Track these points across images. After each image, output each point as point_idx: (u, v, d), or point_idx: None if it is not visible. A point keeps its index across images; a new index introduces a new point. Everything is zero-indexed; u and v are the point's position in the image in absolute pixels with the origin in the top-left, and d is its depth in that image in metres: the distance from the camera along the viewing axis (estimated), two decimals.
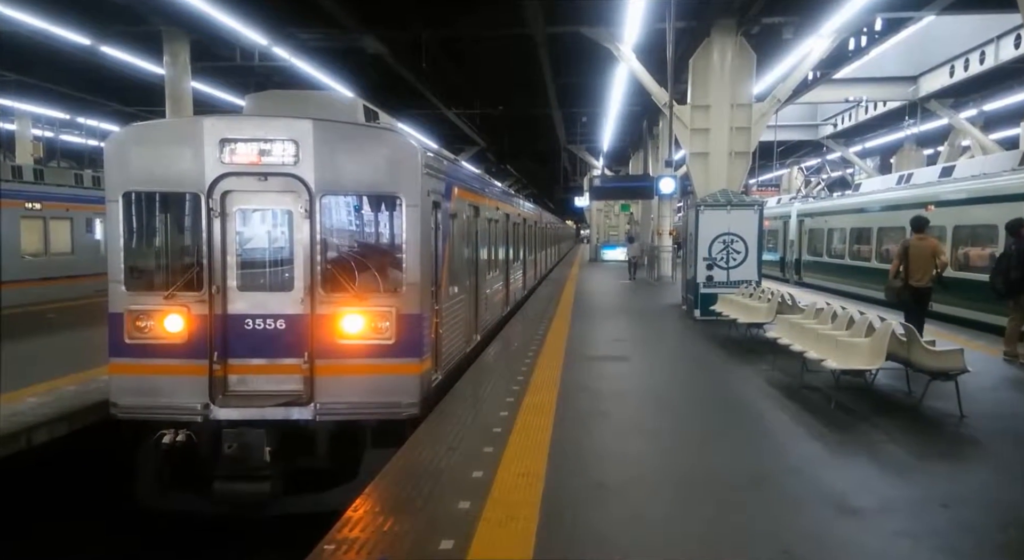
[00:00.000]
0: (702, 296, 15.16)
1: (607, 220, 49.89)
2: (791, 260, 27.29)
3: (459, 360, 9.74)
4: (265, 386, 7.12)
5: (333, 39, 18.59)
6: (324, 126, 7.06)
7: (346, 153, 7.05)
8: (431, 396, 7.72)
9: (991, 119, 27.98)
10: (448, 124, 30.60)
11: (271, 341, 7.10)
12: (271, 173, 6.98)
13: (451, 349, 9.13)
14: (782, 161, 43.02)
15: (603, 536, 4.65)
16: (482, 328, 12.08)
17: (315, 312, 7.01)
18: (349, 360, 7.06)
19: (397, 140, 7.38)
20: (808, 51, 16.73)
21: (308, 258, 7.02)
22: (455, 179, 9.39)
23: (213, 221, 7.02)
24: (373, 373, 7.09)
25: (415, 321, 7.19)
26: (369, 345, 7.08)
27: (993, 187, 14.53)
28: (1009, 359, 10.40)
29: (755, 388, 8.95)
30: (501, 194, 15.80)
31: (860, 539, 4.63)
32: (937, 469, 6.06)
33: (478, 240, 11.58)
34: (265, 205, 7.23)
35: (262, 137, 6.95)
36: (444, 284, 8.52)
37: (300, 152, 6.94)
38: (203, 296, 7.02)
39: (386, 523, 4.76)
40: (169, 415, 7.02)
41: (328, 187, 7.01)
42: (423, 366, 7.38)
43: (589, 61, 20.74)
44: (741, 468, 5.96)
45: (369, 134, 7.44)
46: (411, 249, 7.19)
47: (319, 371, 7.00)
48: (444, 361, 8.61)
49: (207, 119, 7.13)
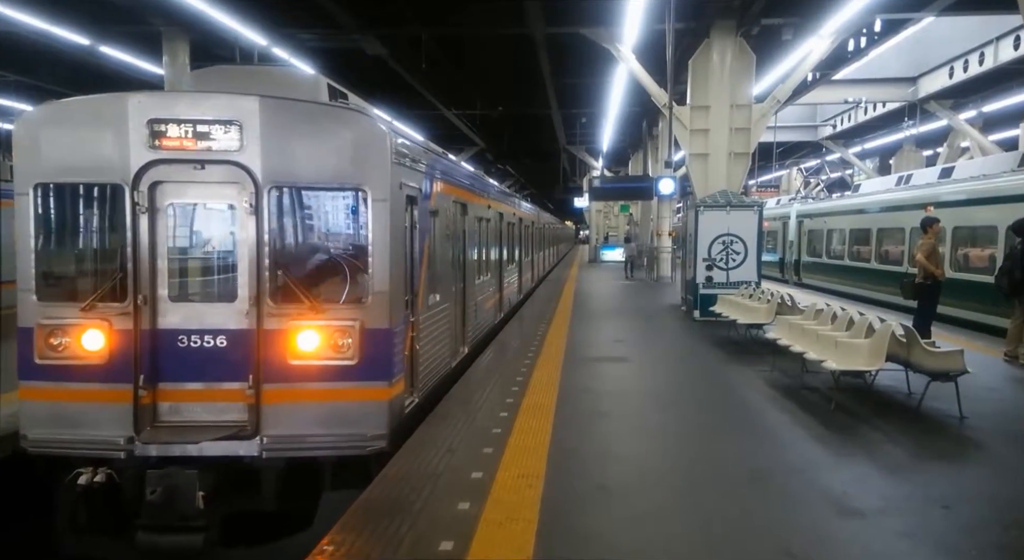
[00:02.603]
0: (702, 297, 15.16)
1: (607, 221, 49.96)
2: (790, 261, 27.31)
3: (442, 378, 8.71)
4: (202, 416, 6.08)
5: (332, 39, 18.62)
6: (273, 105, 6.02)
7: (300, 137, 6.02)
8: (404, 424, 6.73)
9: (990, 120, 28.01)
10: (448, 125, 30.62)
11: (209, 362, 6.05)
12: (209, 160, 5.93)
13: (431, 367, 8.06)
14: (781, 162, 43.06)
15: (603, 537, 4.63)
16: (471, 339, 11.11)
17: (262, 327, 5.96)
18: (303, 384, 6.02)
19: (361, 123, 6.33)
20: (808, 52, 16.74)
21: (254, 262, 5.98)
22: (437, 172, 8.41)
23: (139, 218, 5.95)
24: (332, 400, 6.06)
25: (383, 337, 6.18)
26: (327, 366, 6.03)
27: (993, 188, 14.54)
28: (1009, 360, 10.40)
29: (755, 389, 8.94)
30: (494, 192, 14.81)
31: (861, 539, 4.62)
32: (937, 470, 6.06)
33: (466, 241, 10.59)
34: (202, 199, 6.21)
35: (199, 117, 5.90)
36: (422, 292, 7.53)
37: (244, 135, 5.91)
38: (127, 308, 5.94)
39: (386, 524, 4.74)
40: (87, 450, 5.90)
41: (278, 177, 5.99)
42: (393, 390, 6.35)
43: (589, 62, 20.75)
44: (741, 469, 5.95)
45: (328, 115, 6.28)
46: (378, 252, 6.17)
47: (267, 398, 5.96)
48: (422, 381, 7.59)
49: (133, 96, 6.01)
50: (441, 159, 9.00)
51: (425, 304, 7.69)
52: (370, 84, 21.95)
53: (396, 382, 6.44)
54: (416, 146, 7.47)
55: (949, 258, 14.70)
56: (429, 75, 21.49)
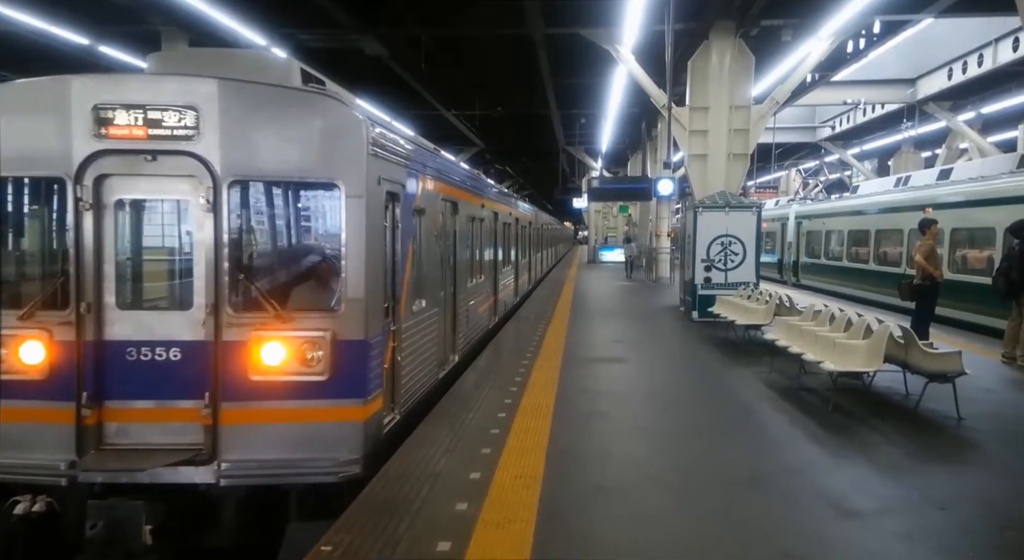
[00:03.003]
0: (700, 298, 15.17)
1: (605, 221, 49.97)
2: (789, 262, 27.33)
3: (428, 391, 8.09)
4: (153, 438, 5.42)
5: (332, 39, 18.62)
6: (234, 88, 5.41)
7: (265, 125, 5.44)
8: (382, 445, 6.12)
9: (989, 122, 28.07)
10: (447, 125, 30.63)
11: (161, 377, 5.42)
12: (161, 151, 5.32)
13: (415, 379, 7.46)
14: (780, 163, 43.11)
15: (601, 538, 4.64)
16: (461, 346, 10.45)
17: (221, 338, 5.37)
18: (267, 403, 5.42)
19: (333, 109, 5.68)
20: (807, 53, 16.78)
21: (212, 266, 5.38)
22: (424, 167, 7.84)
23: (83, 215, 5.33)
24: (300, 420, 5.46)
25: (358, 349, 5.58)
26: (294, 382, 5.44)
27: (991, 190, 14.56)
28: (1007, 361, 10.41)
29: (753, 390, 8.95)
30: (488, 190, 14.05)
31: (858, 540, 4.63)
32: (935, 471, 6.06)
33: (457, 242, 9.95)
34: (154, 194, 5.58)
35: (150, 103, 5.29)
36: (405, 297, 6.92)
37: (201, 122, 5.32)
38: (69, 316, 5.31)
39: (383, 524, 4.74)
40: (24, 476, 5.31)
41: (239, 170, 5.40)
42: (369, 408, 5.73)
43: (588, 62, 20.77)
44: (739, 469, 5.96)
45: (296, 100, 5.61)
46: (353, 254, 5.57)
47: (226, 418, 5.37)
48: (404, 396, 6.95)
49: (76, 78, 5.42)
50: (429, 154, 8.44)
51: (409, 311, 7.10)
52: (369, 84, 21.96)
53: (373, 399, 5.82)
54: (399, 138, 6.91)
55: (947, 259, 14.72)
56: (428, 75, 21.49)
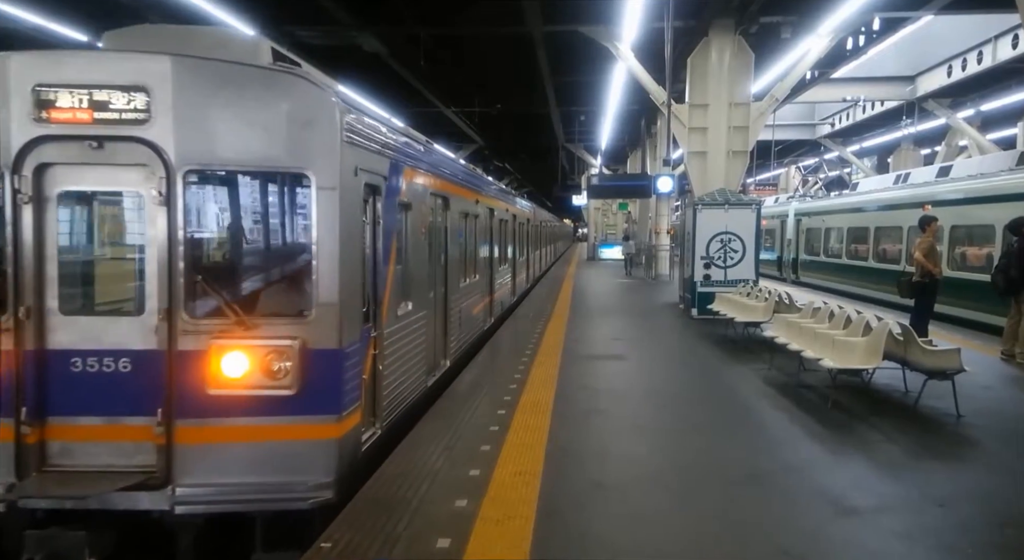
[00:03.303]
0: (699, 295, 15.18)
1: (605, 219, 49.99)
2: (788, 259, 27.34)
3: (415, 400, 7.53)
4: (101, 459, 4.88)
5: (331, 37, 18.59)
6: (190, 66, 4.85)
7: (225, 107, 4.89)
8: (360, 465, 5.59)
9: (988, 119, 28.07)
10: (447, 122, 30.60)
11: (110, 391, 4.87)
12: (109, 137, 4.78)
13: (400, 389, 6.90)
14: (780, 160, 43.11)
15: (600, 535, 4.64)
16: (454, 350, 9.92)
17: (175, 348, 4.85)
18: (228, 420, 4.91)
19: (302, 89, 5.07)
20: (806, 50, 16.77)
21: (165, 266, 4.85)
22: (411, 159, 7.28)
23: (22, 210, 4.80)
24: (265, 439, 4.95)
25: (331, 359, 5.06)
26: (259, 397, 4.90)
27: (990, 187, 14.56)
28: (1006, 358, 10.42)
29: (752, 387, 8.96)
30: (484, 186, 13.48)
31: (857, 538, 4.63)
32: (934, 468, 6.07)
33: (449, 239, 9.45)
34: (101, 185, 5.04)
35: (95, 82, 4.74)
36: (388, 300, 6.37)
37: (153, 105, 4.77)
38: (7, 323, 4.79)
39: (382, 521, 4.74)
40: None
41: (195, 159, 4.86)
42: (344, 425, 5.20)
43: (587, 60, 20.75)
44: (738, 467, 5.96)
45: (261, 80, 5.00)
46: (325, 253, 5.04)
47: (182, 436, 4.86)
48: (387, 408, 6.42)
49: (13, 56, 4.81)
50: (416, 145, 7.87)
51: (393, 315, 6.57)
52: (369, 82, 21.94)
53: (349, 414, 5.28)
54: (381, 125, 6.36)
55: (946, 256, 14.73)
56: (428, 73, 21.47)
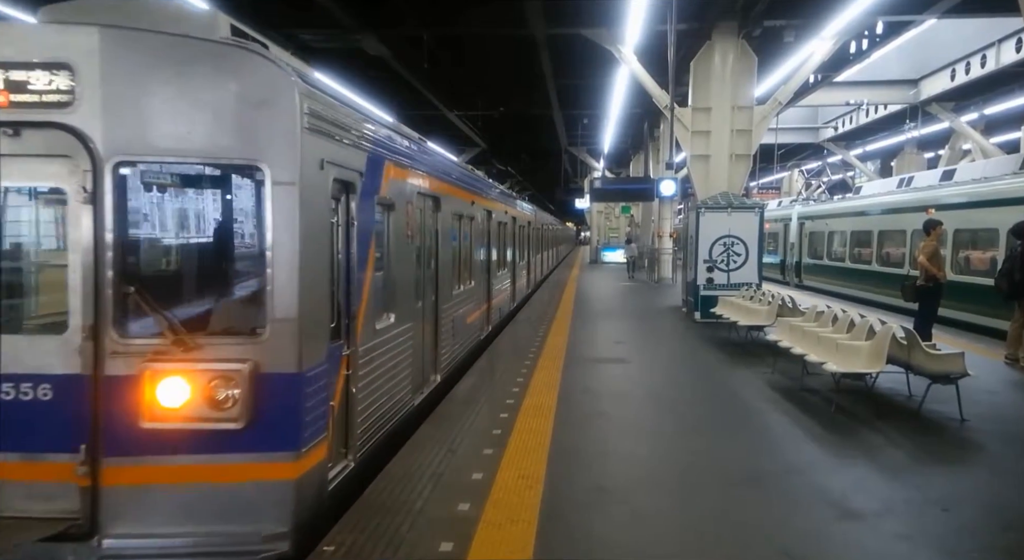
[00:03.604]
0: (702, 298, 15.17)
1: (607, 222, 49.98)
2: (791, 263, 27.31)
3: (400, 423, 6.78)
4: (15, 503, 4.16)
5: (334, 39, 18.61)
6: (122, 40, 4.13)
7: (164, 88, 4.14)
8: (327, 507, 4.88)
9: (992, 123, 28.03)
10: (450, 126, 30.63)
11: (25, 423, 4.16)
12: (25, 123, 4.12)
13: (380, 413, 6.15)
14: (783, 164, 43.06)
15: (603, 539, 4.64)
16: (446, 364, 9.19)
17: (103, 372, 4.16)
18: (164, 458, 4.19)
19: (255, 67, 4.30)
20: (809, 54, 16.76)
21: (90, 274, 4.15)
22: (395, 154, 6.49)
23: None
24: (208, 481, 4.23)
25: (288, 385, 4.32)
26: (201, 431, 4.18)
27: (994, 191, 14.54)
28: (1010, 362, 10.40)
29: (755, 391, 8.95)
30: (480, 186, 12.71)
31: (860, 541, 4.63)
32: (937, 472, 6.05)
33: (440, 243, 8.75)
34: (17, 180, 4.29)
35: (10, 59, 4.09)
36: (365, 313, 5.62)
37: (78, 85, 4.09)
38: None
39: (385, 525, 4.74)
40: None
41: (127, 148, 4.15)
42: (304, 462, 4.44)
43: (590, 63, 20.75)
44: (741, 470, 5.95)
45: (206, 56, 4.23)
46: (283, 259, 4.29)
47: (109, 478, 4.15)
48: (363, 436, 5.70)
49: None
50: (401, 139, 7.07)
51: (370, 329, 5.82)
52: (372, 85, 21.99)
53: (311, 449, 4.53)
54: (355, 112, 5.61)
55: (950, 261, 14.70)
56: (430, 75, 21.50)
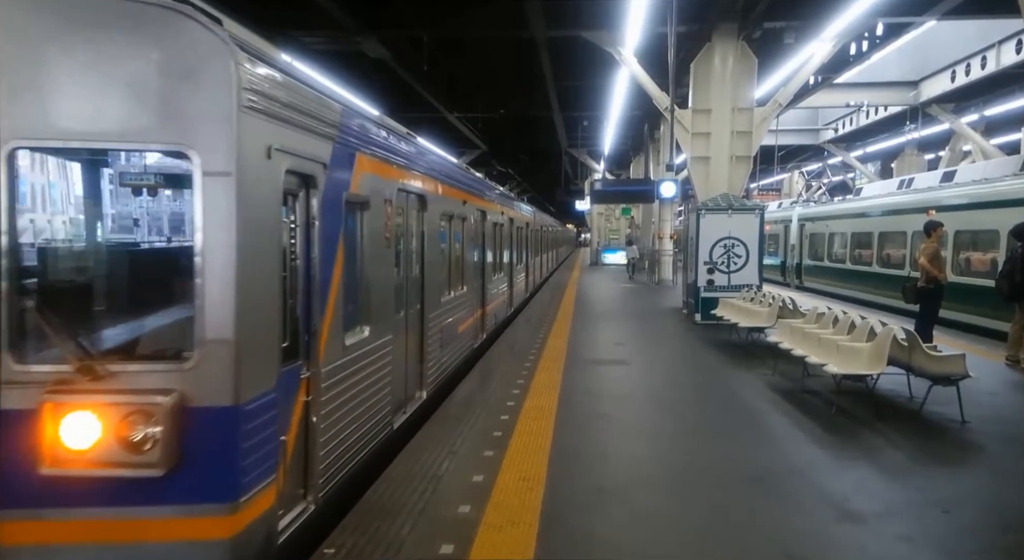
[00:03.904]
0: (703, 300, 15.17)
1: (608, 224, 50.00)
2: (792, 264, 27.31)
3: (373, 451, 5.95)
4: None
5: (335, 42, 18.63)
6: (18, 0, 3.49)
7: (70, 58, 3.48)
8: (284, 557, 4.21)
9: (992, 124, 28.03)
10: (450, 128, 30.65)
11: None
12: None
13: (349, 443, 5.33)
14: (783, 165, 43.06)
15: (604, 541, 4.63)
16: (432, 378, 8.41)
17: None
18: (69, 511, 3.51)
19: (181, 30, 3.55)
20: (810, 56, 16.76)
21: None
22: (369, 145, 5.69)
23: None
24: (122, 540, 3.53)
25: (223, 421, 3.59)
26: (113, 479, 3.49)
27: (994, 192, 14.54)
28: (1011, 364, 10.39)
29: (756, 392, 8.94)
30: (474, 185, 11.84)
31: (861, 543, 4.62)
32: (938, 474, 6.05)
33: (427, 246, 8.03)
34: None
35: None
36: (330, 327, 4.85)
37: None
38: None
39: (386, 527, 4.74)
40: None
41: (26, 131, 3.51)
42: (245, 514, 3.69)
43: (590, 64, 20.77)
44: (742, 472, 5.95)
45: (122, 17, 3.50)
46: (216, 267, 3.56)
47: (3, 535, 3.52)
48: (327, 473, 4.91)
49: None
50: (381, 130, 6.23)
51: (337, 346, 5.05)
52: (372, 87, 22.01)
53: (253, 498, 3.76)
54: (317, 93, 4.74)
55: (951, 262, 14.70)
56: (430, 77, 21.51)
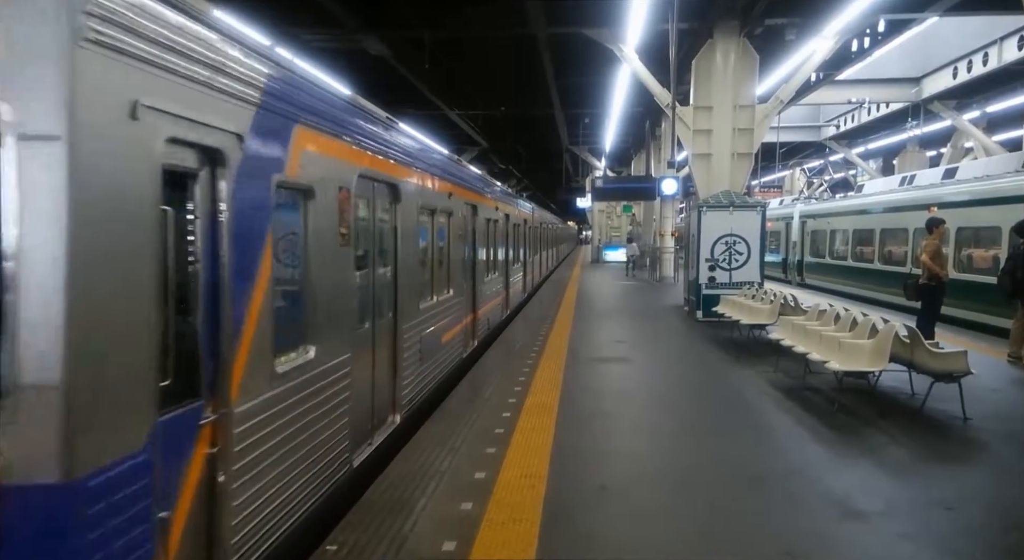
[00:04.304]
0: (704, 297, 15.16)
1: (609, 221, 49.96)
2: (793, 261, 27.29)
3: (321, 502, 5.02)
4: None
5: (336, 39, 18.62)
6: None
7: None
8: None
9: (994, 121, 27.96)
10: (451, 125, 30.63)
11: None
12: None
13: (279, 501, 4.33)
14: (784, 162, 43.01)
15: (606, 538, 4.63)
16: (408, 398, 7.42)
17: None
18: None
19: None
20: (811, 52, 16.73)
21: None
22: (310, 115, 4.66)
23: None
24: None
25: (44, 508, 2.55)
26: None
27: (996, 189, 14.51)
28: (1013, 361, 10.38)
29: (757, 390, 8.94)
30: (462, 176, 10.79)
31: (863, 541, 4.62)
32: (940, 471, 6.05)
33: (400, 246, 7.09)
34: None
35: None
36: (251, 353, 3.92)
37: None
38: None
39: (388, 524, 4.75)
40: None
41: None
42: None
43: (591, 62, 20.75)
44: (743, 469, 5.95)
45: None
46: (37, 275, 2.55)
47: None
48: (246, 547, 3.91)
49: None
50: (327, 94, 5.22)
51: (261, 376, 4.09)
52: (374, 85, 22.00)
53: None
54: (223, 35, 3.70)
55: (952, 259, 14.68)
56: (431, 75, 21.50)
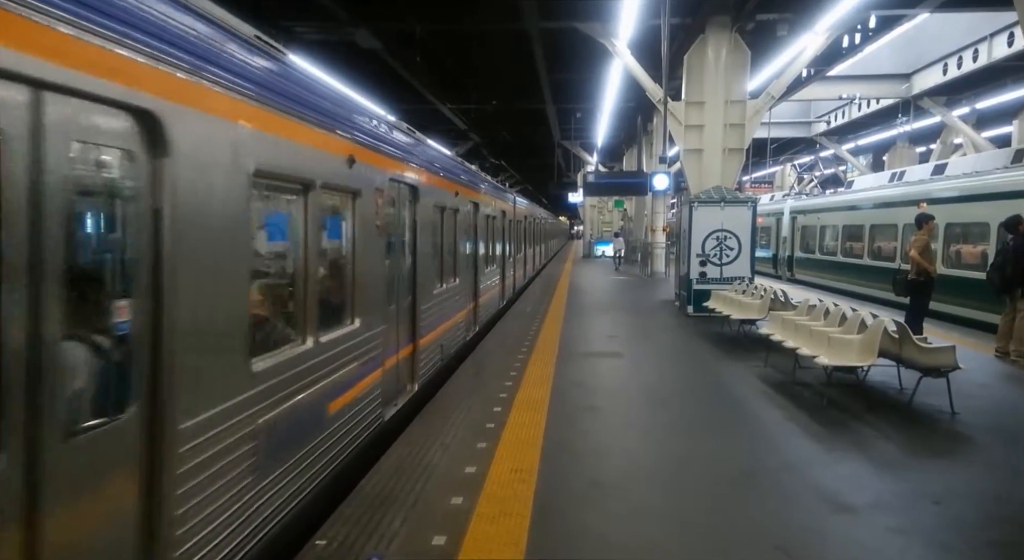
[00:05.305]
0: (695, 292, 15.20)
1: (601, 216, 50.07)
2: (784, 257, 27.39)
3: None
4: None
5: (327, 32, 18.53)
6: None
7: None
8: None
9: (983, 117, 28.09)
10: (443, 120, 30.54)
11: None
12: None
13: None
14: (775, 158, 43.14)
15: (596, 532, 4.64)
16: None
17: None
18: None
19: None
20: (802, 48, 16.76)
21: None
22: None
23: None
24: None
25: None
26: None
27: (985, 185, 14.60)
28: (1000, 356, 10.46)
29: (748, 384, 8.97)
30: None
31: (852, 535, 4.64)
32: (929, 465, 6.08)
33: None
34: None
35: None
36: None
37: None
38: None
39: (378, 518, 4.74)
40: None
41: None
42: None
43: (584, 57, 20.73)
44: (733, 464, 5.97)
45: None
46: None
47: None
48: None
49: None
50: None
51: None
52: (364, 77, 21.90)
53: None
54: None
55: (941, 254, 14.76)
56: (423, 69, 21.43)
